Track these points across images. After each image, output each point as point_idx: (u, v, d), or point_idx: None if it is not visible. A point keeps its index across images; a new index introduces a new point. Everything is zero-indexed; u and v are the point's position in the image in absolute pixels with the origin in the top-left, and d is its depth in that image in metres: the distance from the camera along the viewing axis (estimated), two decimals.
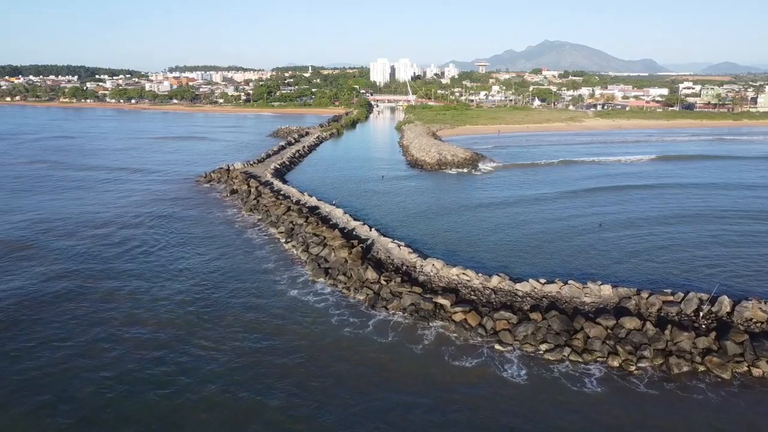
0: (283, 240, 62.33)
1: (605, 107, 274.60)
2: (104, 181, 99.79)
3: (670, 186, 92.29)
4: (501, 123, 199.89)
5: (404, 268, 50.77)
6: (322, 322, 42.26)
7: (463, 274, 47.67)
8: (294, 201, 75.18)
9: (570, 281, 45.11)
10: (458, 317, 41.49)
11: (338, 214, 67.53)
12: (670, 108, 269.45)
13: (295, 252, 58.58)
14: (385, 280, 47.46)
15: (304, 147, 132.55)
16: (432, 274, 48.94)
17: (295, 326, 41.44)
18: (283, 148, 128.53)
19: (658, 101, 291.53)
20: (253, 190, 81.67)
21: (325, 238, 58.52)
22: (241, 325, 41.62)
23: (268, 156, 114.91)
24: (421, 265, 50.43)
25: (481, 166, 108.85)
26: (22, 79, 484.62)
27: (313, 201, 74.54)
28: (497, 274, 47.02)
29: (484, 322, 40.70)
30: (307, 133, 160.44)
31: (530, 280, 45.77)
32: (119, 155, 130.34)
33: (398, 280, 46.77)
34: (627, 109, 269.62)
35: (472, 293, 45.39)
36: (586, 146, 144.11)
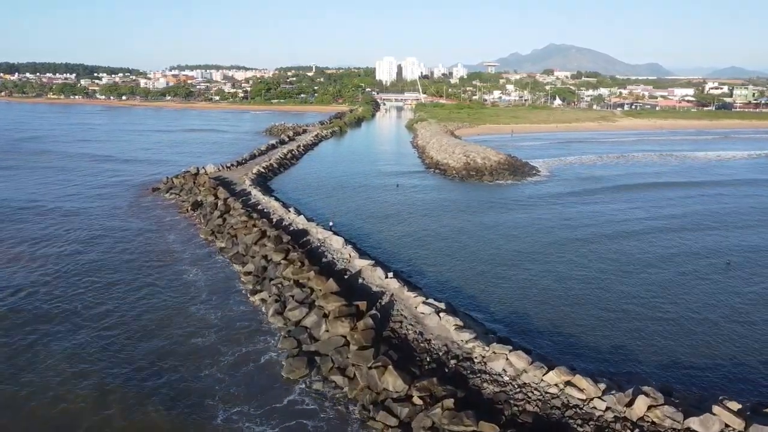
0: (249, 287, 39.71)
1: (633, 107, 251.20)
2: (31, 172, 77.63)
3: None
4: (525, 122, 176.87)
5: (452, 362, 27.82)
6: None
7: (571, 384, 24.76)
8: (273, 222, 52.39)
9: None
10: None
11: (336, 245, 44.65)
12: (705, 108, 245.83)
13: (263, 311, 35.94)
14: (421, 397, 24.62)
15: (299, 146, 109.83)
16: (507, 378, 26.05)
17: None
18: (273, 147, 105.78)
19: (689, 101, 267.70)
20: (220, 203, 58.96)
21: (312, 291, 35.73)
22: None
23: (253, 157, 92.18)
24: (484, 357, 27.53)
25: (522, 172, 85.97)
26: (16, 76, 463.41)
27: (300, 221, 51.67)
28: (642, 391, 23.94)
29: None
30: (305, 131, 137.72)
31: (715, 407, 22.75)
32: (75, 148, 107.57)
33: (449, 402, 23.72)
34: (657, 108, 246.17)
35: None
36: (632, 145, 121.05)
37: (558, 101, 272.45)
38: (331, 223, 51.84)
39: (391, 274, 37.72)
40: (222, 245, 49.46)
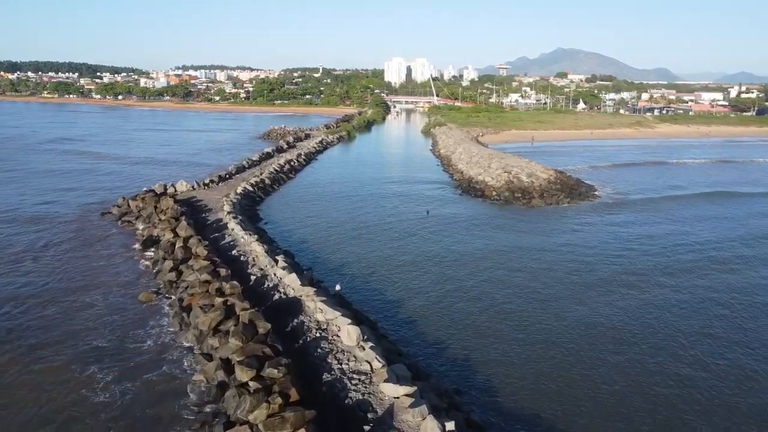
0: (197, 425, 21.69)
1: (665, 111, 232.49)
2: None
3: None
4: (552, 128, 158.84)
5: None
6: None
7: None
8: (250, 282, 34.35)
9: None
10: None
11: (347, 340, 26.35)
12: (744, 113, 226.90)
13: None
14: None
15: (299, 155, 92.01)
16: None
17: None
18: (268, 156, 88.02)
19: (724, 105, 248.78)
20: (178, 245, 40.89)
21: None
22: None
23: (241, 170, 74.10)
24: None
25: (578, 192, 67.88)
26: (16, 74, 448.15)
27: (290, 284, 33.29)
28: None
29: None
30: (307, 136, 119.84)
31: None
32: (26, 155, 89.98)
33: None
34: (691, 113, 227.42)
35: None
36: (686, 151, 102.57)
37: (582, 105, 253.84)
38: (338, 287, 33.78)
39: (451, 426, 19.62)
40: (171, 319, 31.68)
